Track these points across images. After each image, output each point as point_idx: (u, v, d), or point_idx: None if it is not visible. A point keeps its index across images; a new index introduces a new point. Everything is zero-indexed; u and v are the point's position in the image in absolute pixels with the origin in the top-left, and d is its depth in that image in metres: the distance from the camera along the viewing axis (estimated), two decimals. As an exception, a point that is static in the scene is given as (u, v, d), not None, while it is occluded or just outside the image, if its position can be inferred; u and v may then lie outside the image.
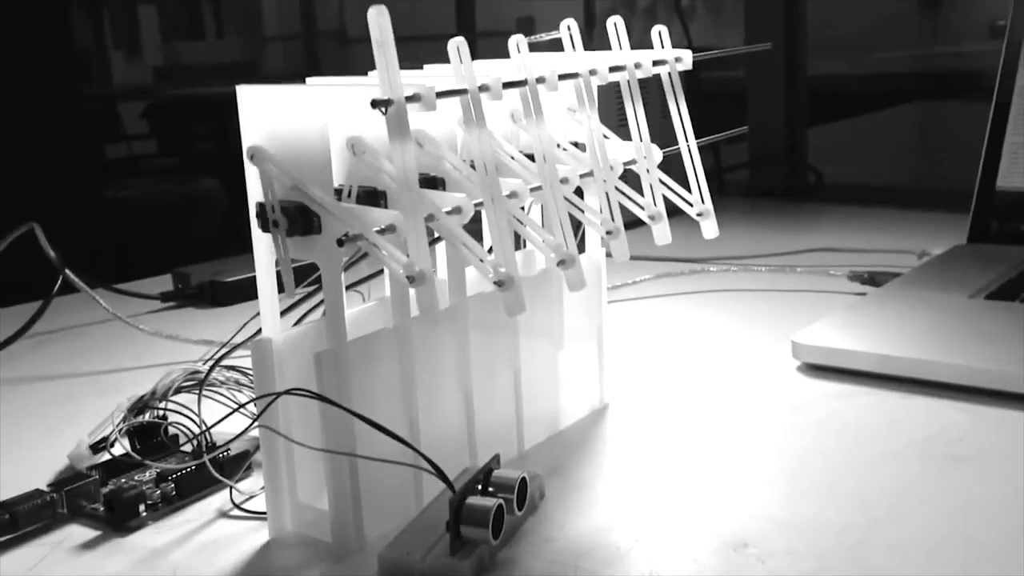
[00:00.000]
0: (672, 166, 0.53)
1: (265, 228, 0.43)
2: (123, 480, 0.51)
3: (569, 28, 0.50)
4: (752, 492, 0.48)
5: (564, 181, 0.47)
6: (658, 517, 0.46)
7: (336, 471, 0.44)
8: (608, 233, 0.47)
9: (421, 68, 0.49)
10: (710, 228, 0.53)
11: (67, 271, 0.73)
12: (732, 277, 0.83)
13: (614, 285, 0.81)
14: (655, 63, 0.50)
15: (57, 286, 0.73)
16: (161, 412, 0.54)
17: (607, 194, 0.48)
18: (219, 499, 0.50)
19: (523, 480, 0.44)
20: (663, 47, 0.52)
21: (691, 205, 0.52)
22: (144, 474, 0.51)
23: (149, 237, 2.01)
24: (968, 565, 0.40)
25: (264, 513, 0.47)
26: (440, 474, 0.43)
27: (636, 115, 0.50)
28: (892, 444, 0.52)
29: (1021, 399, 0.54)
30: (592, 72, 0.47)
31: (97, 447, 0.55)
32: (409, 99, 0.37)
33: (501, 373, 0.52)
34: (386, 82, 0.37)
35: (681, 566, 0.41)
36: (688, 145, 0.52)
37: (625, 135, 0.52)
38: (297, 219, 0.41)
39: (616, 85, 0.51)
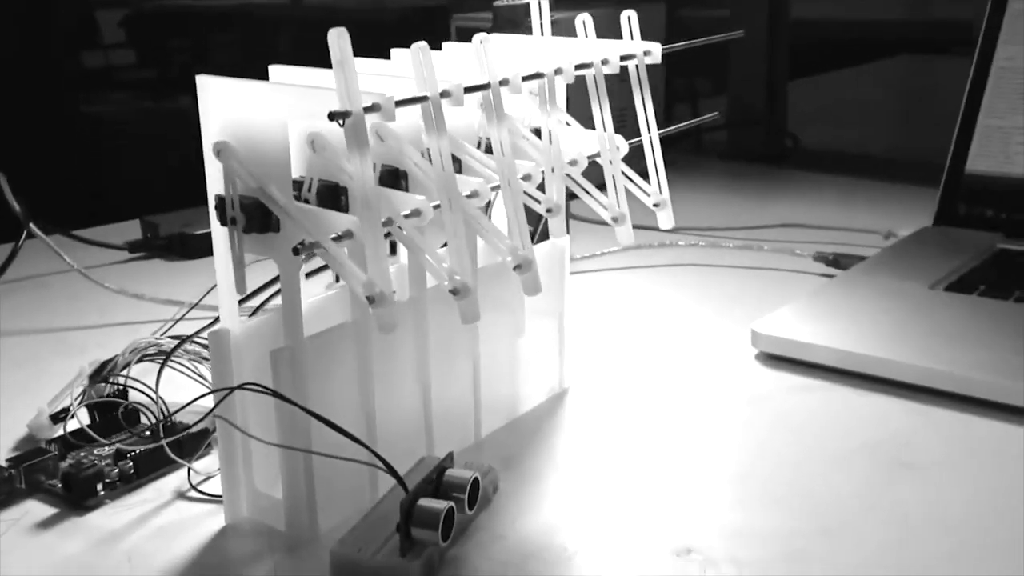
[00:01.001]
0: (634, 154, 0.53)
1: (223, 222, 0.43)
2: (83, 454, 0.51)
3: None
4: (700, 494, 0.48)
5: (527, 178, 0.47)
6: (606, 516, 0.47)
7: (290, 464, 0.44)
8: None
9: (388, 57, 0.48)
10: (666, 219, 0.53)
11: (31, 225, 0.72)
12: (700, 252, 0.83)
13: (580, 256, 0.81)
14: (623, 58, 0.50)
15: (22, 240, 0.73)
16: (121, 386, 0.54)
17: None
18: (177, 478, 0.51)
19: (475, 480, 0.45)
20: (632, 36, 0.52)
21: (648, 196, 0.52)
22: (103, 449, 0.51)
23: (124, 159, 1.97)
24: (903, 581, 0.42)
25: (221, 496, 0.47)
26: (393, 473, 0.43)
27: (602, 111, 0.49)
28: (844, 446, 0.52)
29: (969, 401, 0.55)
30: (557, 71, 0.46)
31: (57, 417, 0.55)
32: (368, 110, 0.37)
33: (460, 362, 0.52)
34: (344, 96, 0.36)
35: (625, 571, 0.42)
36: (651, 137, 0.52)
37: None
38: (255, 216, 0.41)
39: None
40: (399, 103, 0.38)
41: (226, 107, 0.42)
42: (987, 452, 0.52)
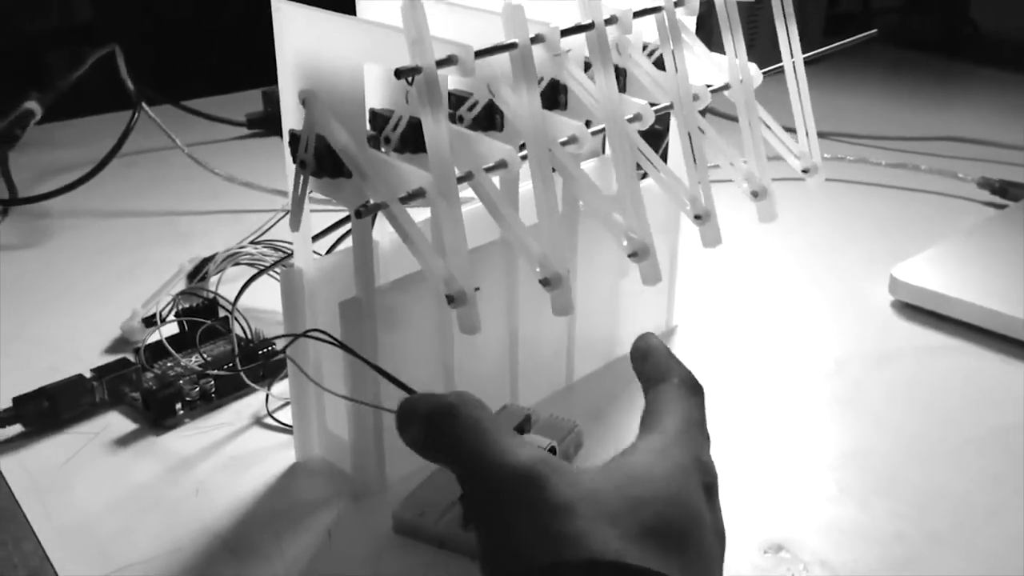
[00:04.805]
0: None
1: (296, 160, 0.39)
2: (169, 364, 0.50)
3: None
4: (802, 477, 0.44)
5: (637, 118, 0.42)
6: (694, 495, 0.43)
7: (359, 416, 0.42)
8: (697, 217, 0.42)
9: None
10: (816, 183, 0.47)
11: (143, 104, 0.71)
12: (847, 167, 0.76)
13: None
14: (762, -20, 0.43)
15: (135, 117, 0.72)
16: (208, 299, 0.53)
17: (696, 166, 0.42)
18: (257, 400, 0.50)
19: (551, 450, 0.42)
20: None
21: (797, 157, 0.46)
22: (188, 362, 0.51)
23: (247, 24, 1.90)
24: (1017, 615, 0.37)
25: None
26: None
27: (734, 43, 0.43)
28: (974, 427, 0.47)
29: None
30: (678, 3, 0.40)
31: (150, 321, 0.55)
32: (441, 63, 0.32)
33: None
34: (415, 50, 0.32)
35: (704, 565, 0.39)
36: (798, 83, 0.45)
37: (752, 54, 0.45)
38: (326, 162, 0.38)
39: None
40: (480, 53, 0.33)
41: (301, 39, 0.38)
42: None
